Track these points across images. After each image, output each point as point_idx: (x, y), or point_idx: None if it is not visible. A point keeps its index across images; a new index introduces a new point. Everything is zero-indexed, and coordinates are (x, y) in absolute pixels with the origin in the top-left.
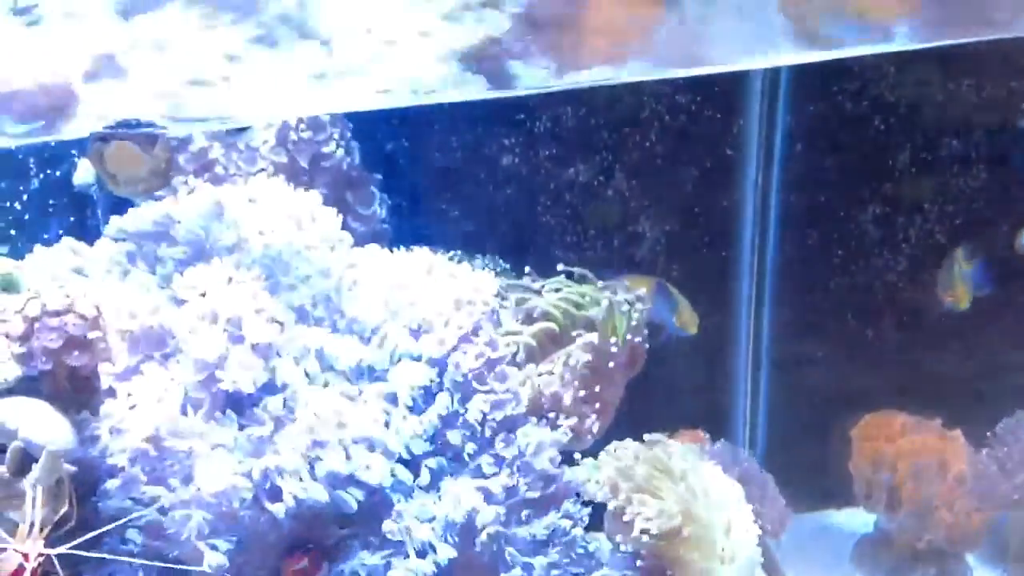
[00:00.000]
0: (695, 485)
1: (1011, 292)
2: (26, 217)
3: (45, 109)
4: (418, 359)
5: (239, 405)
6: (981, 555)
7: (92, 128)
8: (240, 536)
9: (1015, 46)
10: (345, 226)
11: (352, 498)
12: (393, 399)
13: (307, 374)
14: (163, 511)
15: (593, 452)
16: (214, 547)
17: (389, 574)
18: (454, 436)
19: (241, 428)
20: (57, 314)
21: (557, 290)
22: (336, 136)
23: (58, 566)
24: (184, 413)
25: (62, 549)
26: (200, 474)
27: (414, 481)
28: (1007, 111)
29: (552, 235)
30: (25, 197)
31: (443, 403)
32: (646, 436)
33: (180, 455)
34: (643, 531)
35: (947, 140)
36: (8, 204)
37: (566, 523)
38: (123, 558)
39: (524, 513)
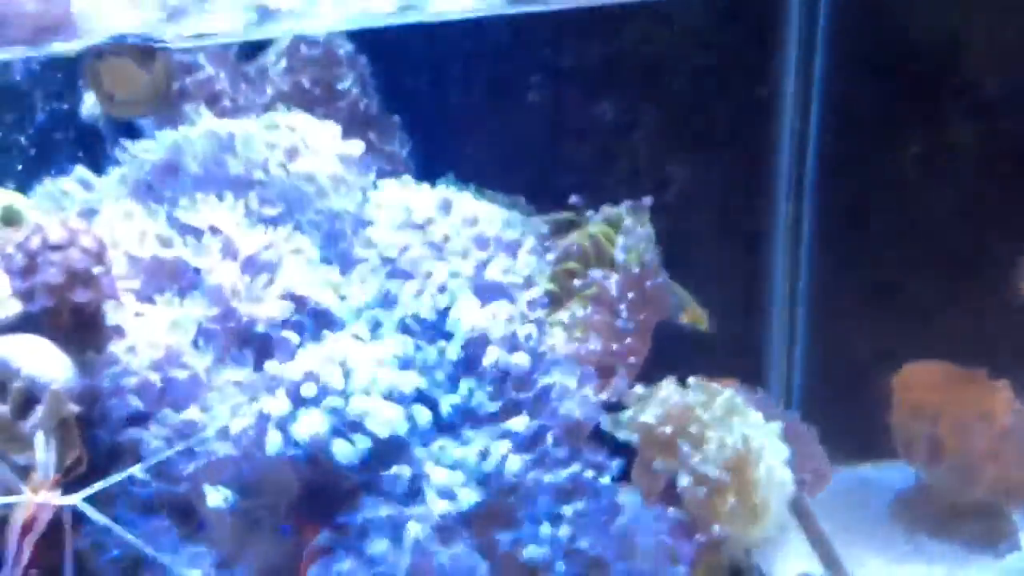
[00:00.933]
0: (733, 433)
1: None
2: (32, 151)
3: (35, 22)
4: (438, 300)
5: (255, 343)
6: None
7: (85, 43)
8: (251, 478)
9: None
10: (365, 163)
11: (365, 441)
12: (411, 341)
13: (323, 312)
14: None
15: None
16: (223, 488)
17: (406, 521)
18: (473, 382)
19: (256, 368)
20: (59, 248)
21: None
22: (351, 73)
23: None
24: (196, 348)
25: (77, 500)
26: (211, 412)
27: (432, 426)
28: None
29: (576, 175)
30: (31, 130)
31: (461, 346)
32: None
33: (190, 391)
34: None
35: (1002, 78)
36: (13, 137)
37: (590, 472)
38: (129, 537)
39: (549, 461)
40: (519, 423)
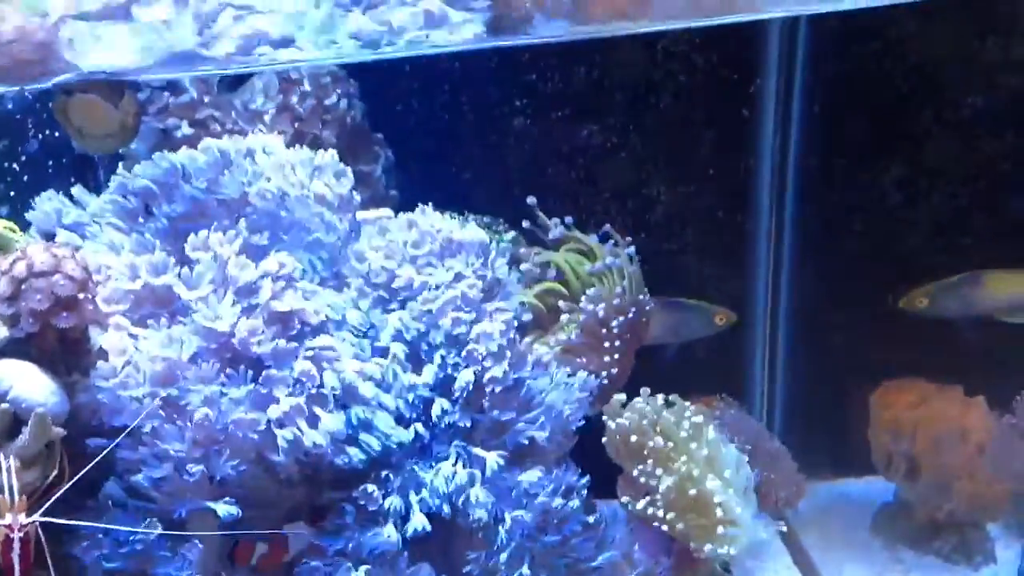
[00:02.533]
0: (700, 451)
1: None
2: (25, 178)
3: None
4: (421, 319)
5: (249, 365)
6: (1002, 526)
7: (55, 79)
8: (241, 493)
9: None
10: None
11: (351, 454)
12: (394, 357)
13: (310, 331)
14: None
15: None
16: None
17: (373, 538)
18: (451, 400)
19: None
20: (44, 275)
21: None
22: (340, 93)
23: (42, 534)
24: (186, 373)
25: (41, 517)
26: (197, 432)
27: (409, 444)
28: None
29: (561, 198)
30: (24, 158)
31: (442, 364)
32: (652, 398)
33: (181, 413)
34: (645, 499)
35: (972, 99)
36: (7, 165)
37: (559, 501)
38: (119, 527)
39: (520, 490)
40: (492, 442)
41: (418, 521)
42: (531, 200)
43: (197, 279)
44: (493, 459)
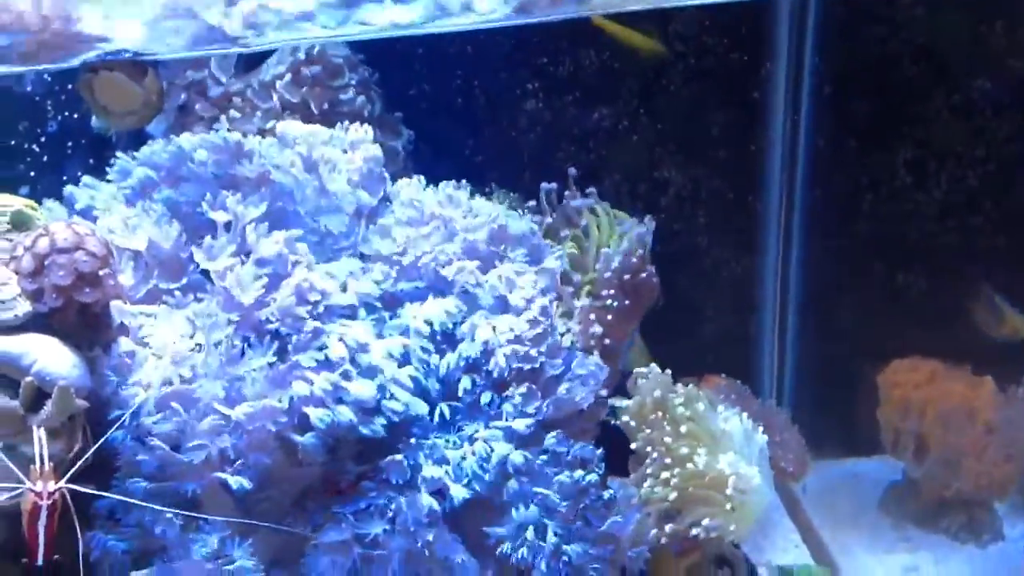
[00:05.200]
0: (710, 426)
1: None
2: (45, 159)
3: (36, 39)
4: (445, 294)
5: (268, 336)
6: (1010, 504)
7: (81, 58)
8: (260, 471)
9: None
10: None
11: (374, 427)
12: (418, 334)
13: (331, 308)
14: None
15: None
16: (235, 476)
17: (401, 509)
18: (478, 375)
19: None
20: (66, 251)
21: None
22: (353, 81)
23: (70, 501)
24: (203, 347)
25: (68, 484)
26: (221, 407)
27: (433, 420)
28: None
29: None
30: (43, 139)
31: (470, 342)
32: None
33: (197, 390)
34: (655, 477)
35: (982, 82)
36: (27, 146)
37: (579, 472)
38: (137, 500)
39: (542, 462)
40: (520, 423)
41: (457, 492)
42: (572, 171)
43: (218, 250)
44: (520, 433)
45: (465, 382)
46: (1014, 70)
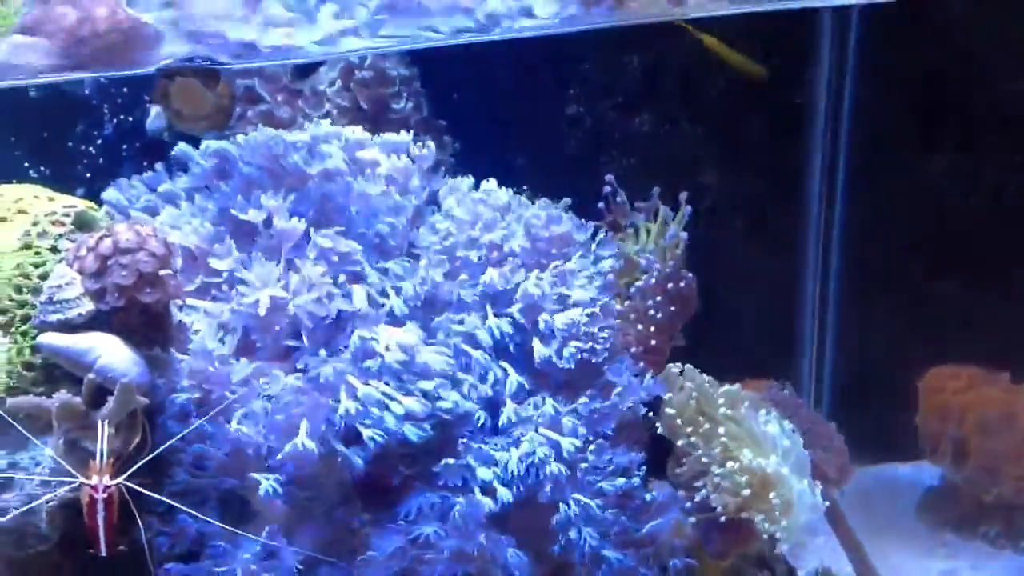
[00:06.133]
0: (754, 430)
1: None
2: (101, 161)
3: (113, 47)
4: (496, 298)
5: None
6: None
7: (157, 65)
8: (309, 475)
9: None
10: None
11: (422, 433)
12: (470, 338)
13: (378, 311)
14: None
15: None
16: (278, 483)
17: (453, 508)
18: (531, 378)
19: (307, 366)
20: (129, 252)
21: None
22: (404, 88)
23: (128, 496)
24: (246, 348)
25: (123, 480)
26: (265, 412)
27: (485, 423)
28: None
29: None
30: (100, 142)
31: (525, 344)
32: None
33: (245, 392)
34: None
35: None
36: (84, 148)
37: (620, 480)
38: (186, 510)
39: (586, 467)
40: (568, 423)
41: (504, 493)
42: (609, 178)
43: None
44: (568, 443)
45: (513, 383)
46: None
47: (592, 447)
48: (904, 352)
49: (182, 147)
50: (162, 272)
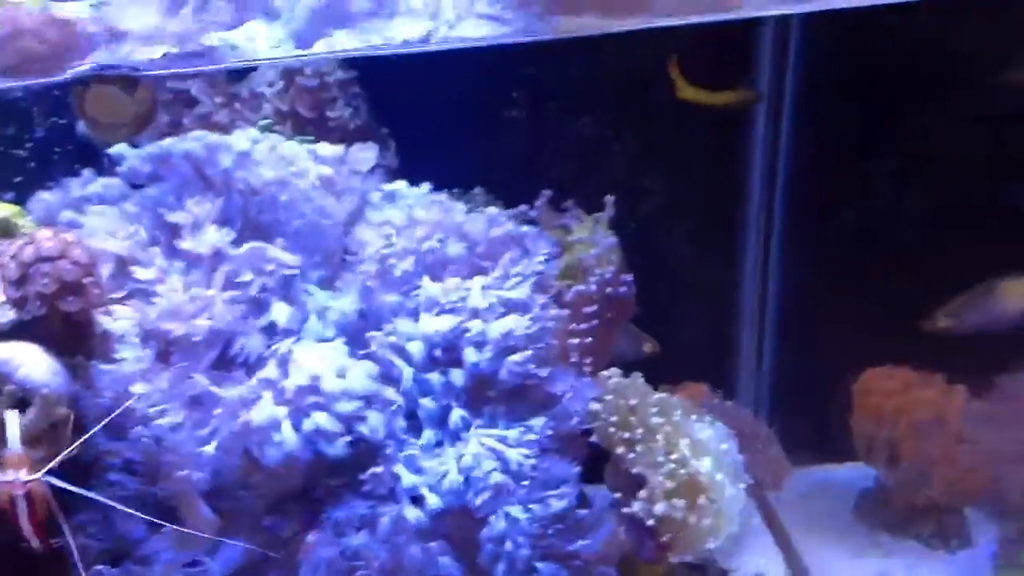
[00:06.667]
0: (686, 435)
1: None
2: (31, 164)
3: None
4: (431, 306)
5: (229, 353)
6: (980, 511)
7: (73, 72)
8: (227, 485)
9: None
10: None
11: (342, 451)
12: (402, 351)
13: (303, 324)
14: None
15: None
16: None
17: (381, 518)
18: (469, 387)
19: (231, 379)
20: (51, 259)
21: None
22: (342, 92)
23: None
24: (169, 359)
25: (43, 476)
26: (183, 424)
27: (413, 436)
28: None
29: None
30: (29, 144)
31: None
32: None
33: (166, 402)
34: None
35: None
36: (12, 151)
37: (559, 489)
38: (114, 503)
39: (527, 472)
40: (503, 432)
41: (433, 501)
42: (546, 193)
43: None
44: (509, 453)
45: (456, 390)
46: (999, 83)
47: (530, 458)
48: (842, 354)
49: (115, 149)
50: (85, 280)
